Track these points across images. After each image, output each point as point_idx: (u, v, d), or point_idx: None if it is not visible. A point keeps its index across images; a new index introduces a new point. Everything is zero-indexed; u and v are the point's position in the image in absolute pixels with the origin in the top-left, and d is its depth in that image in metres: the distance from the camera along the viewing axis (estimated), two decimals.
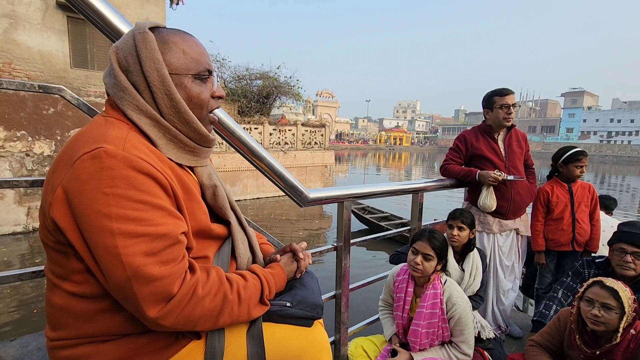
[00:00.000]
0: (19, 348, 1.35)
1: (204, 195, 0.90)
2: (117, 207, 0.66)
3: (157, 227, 0.69)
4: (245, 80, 14.56)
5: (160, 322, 0.70)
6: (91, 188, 0.65)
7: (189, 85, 0.81)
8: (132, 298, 0.68)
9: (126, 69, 0.78)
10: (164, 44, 0.79)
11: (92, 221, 0.66)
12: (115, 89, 0.78)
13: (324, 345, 1.02)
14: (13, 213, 7.82)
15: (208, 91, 0.85)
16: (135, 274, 0.66)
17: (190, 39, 0.83)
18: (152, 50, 0.76)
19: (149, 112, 0.78)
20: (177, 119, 0.80)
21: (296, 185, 1.47)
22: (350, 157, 45.97)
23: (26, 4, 7.86)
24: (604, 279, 1.47)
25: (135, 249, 0.66)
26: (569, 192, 2.48)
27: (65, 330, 0.75)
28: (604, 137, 60.23)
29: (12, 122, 7.66)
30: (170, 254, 0.71)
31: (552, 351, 1.66)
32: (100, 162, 0.66)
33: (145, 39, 0.77)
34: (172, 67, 0.79)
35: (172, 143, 0.81)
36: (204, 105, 0.85)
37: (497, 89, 2.32)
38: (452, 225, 2.00)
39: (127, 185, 0.67)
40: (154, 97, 0.78)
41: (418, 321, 1.62)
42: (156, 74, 0.76)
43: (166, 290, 0.69)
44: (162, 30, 0.81)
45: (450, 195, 12.78)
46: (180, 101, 0.79)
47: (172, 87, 0.78)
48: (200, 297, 0.74)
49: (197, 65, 0.82)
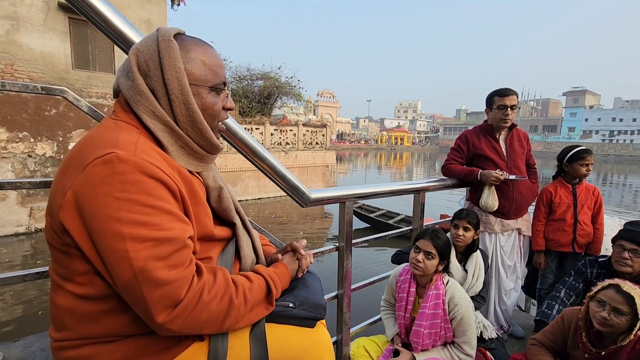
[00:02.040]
0: (22, 349, 1.35)
1: (209, 197, 0.91)
2: (128, 212, 0.66)
3: (167, 231, 0.70)
4: (247, 80, 14.59)
5: (168, 327, 0.71)
6: (102, 192, 0.66)
7: (204, 96, 0.83)
8: (141, 302, 0.68)
9: (146, 73, 0.78)
10: (186, 54, 0.80)
11: (102, 225, 0.66)
12: (132, 91, 0.78)
13: (327, 346, 1.02)
14: (15, 214, 7.85)
15: (221, 102, 0.87)
16: (144, 278, 0.67)
17: (210, 51, 0.85)
18: (176, 59, 0.78)
19: (164, 118, 0.79)
20: (190, 127, 0.82)
21: (298, 185, 1.47)
22: (352, 157, 45.96)
23: (28, 6, 7.89)
24: (620, 283, 1.43)
25: (145, 252, 0.67)
26: (573, 193, 2.47)
27: (69, 331, 0.75)
28: (606, 137, 59.98)
29: (15, 123, 7.69)
30: (178, 258, 0.71)
31: (555, 351, 1.65)
32: (112, 167, 0.67)
33: (170, 47, 0.78)
34: (192, 77, 0.81)
35: (183, 150, 0.83)
36: (216, 116, 0.87)
37: (499, 89, 2.31)
38: (458, 225, 2.00)
39: (138, 190, 0.68)
40: (172, 104, 0.79)
41: (420, 321, 1.62)
42: (177, 82, 0.78)
43: (175, 294, 0.70)
44: (185, 38, 0.83)
45: (451, 191, 12.79)
46: (197, 111, 0.81)
47: (190, 97, 0.80)
48: (206, 301, 0.74)
49: (215, 78, 0.84)
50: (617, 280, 1.48)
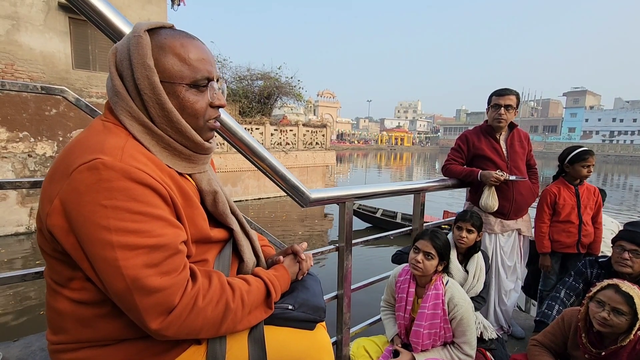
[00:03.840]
0: (22, 348, 1.35)
1: (204, 201, 0.88)
2: (116, 220, 0.64)
3: (157, 238, 0.68)
4: (247, 80, 14.58)
5: (163, 333, 0.70)
6: (89, 200, 0.64)
7: (182, 94, 0.76)
8: (134, 309, 0.67)
9: (121, 73, 0.75)
10: (160, 49, 0.75)
11: (91, 234, 0.64)
12: (111, 92, 0.76)
13: (326, 348, 1.01)
14: (15, 214, 7.85)
15: (205, 100, 0.80)
16: (136, 286, 0.65)
17: (189, 44, 0.77)
18: (143, 55, 0.72)
19: (140, 119, 0.75)
20: (169, 127, 0.77)
21: (298, 185, 1.47)
22: (352, 158, 45.94)
23: (28, 6, 7.89)
24: (619, 283, 1.43)
25: (136, 261, 0.65)
26: (576, 194, 2.47)
27: (65, 335, 0.75)
28: (606, 137, 59.97)
29: (15, 123, 7.69)
30: (170, 264, 0.70)
31: (555, 351, 1.65)
32: (97, 173, 0.64)
33: (138, 43, 0.72)
34: (164, 74, 0.75)
35: (167, 151, 0.78)
36: (199, 115, 0.80)
37: (498, 89, 2.32)
38: (462, 227, 1.99)
39: (125, 197, 0.65)
40: (145, 105, 0.75)
41: (420, 322, 1.62)
42: (147, 81, 0.73)
43: (168, 301, 0.69)
44: (163, 32, 0.77)
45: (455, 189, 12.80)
46: (172, 110, 0.75)
47: (162, 96, 0.74)
48: (201, 307, 0.73)
49: (193, 73, 0.77)
50: (616, 280, 1.47)
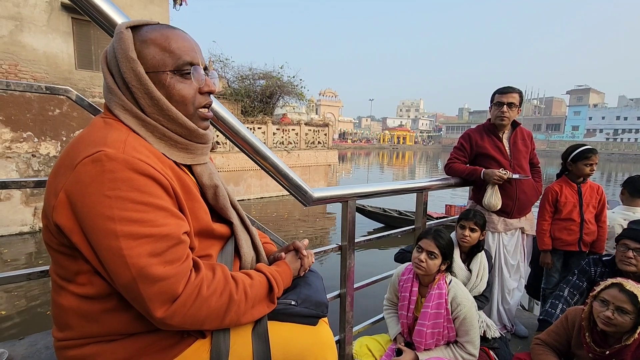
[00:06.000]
0: (27, 346, 1.36)
1: (205, 195, 0.90)
2: (120, 210, 0.66)
3: (160, 227, 0.70)
4: (249, 80, 14.56)
5: (167, 322, 0.71)
6: (93, 191, 0.66)
7: (167, 82, 0.79)
8: (139, 298, 0.69)
9: (111, 71, 0.78)
10: (142, 42, 0.78)
11: (95, 224, 0.66)
12: (105, 90, 0.79)
13: (329, 344, 1.02)
14: (20, 213, 7.89)
15: (191, 87, 0.82)
16: (140, 275, 0.67)
17: (170, 33, 0.80)
18: (127, 49, 0.75)
19: (133, 111, 0.77)
20: (161, 116, 0.79)
21: (301, 184, 1.48)
22: (354, 157, 45.91)
23: (31, 6, 7.93)
24: (623, 282, 1.43)
25: (140, 250, 0.67)
26: (578, 192, 2.46)
27: (71, 331, 0.76)
28: (610, 135, 59.58)
29: (19, 123, 7.73)
30: (174, 253, 0.71)
31: (559, 350, 1.65)
32: (101, 165, 0.67)
33: (120, 39, 0.76)
34: (149, 64, 0.77)
35: (162, 141, 0.80)
36: (187, 102, 0.82)
37: (501, 87, 2.31)
38: (465, 226, 1.99)
39: (128, 187, 0.67)
40: (134, 97, 0.77)
41: (423, 321, 1.62)
42: (133, 73, 0.76)
43: (172, 289, 0.70)
44: (145, 27, 0.80)
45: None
46: (161, 98, 0.78)
47: (149, 86, 0.77)
48: (205, 296, 0.74)
49: (175, 59, 0.79)
50: (620, 279, 1.47)
